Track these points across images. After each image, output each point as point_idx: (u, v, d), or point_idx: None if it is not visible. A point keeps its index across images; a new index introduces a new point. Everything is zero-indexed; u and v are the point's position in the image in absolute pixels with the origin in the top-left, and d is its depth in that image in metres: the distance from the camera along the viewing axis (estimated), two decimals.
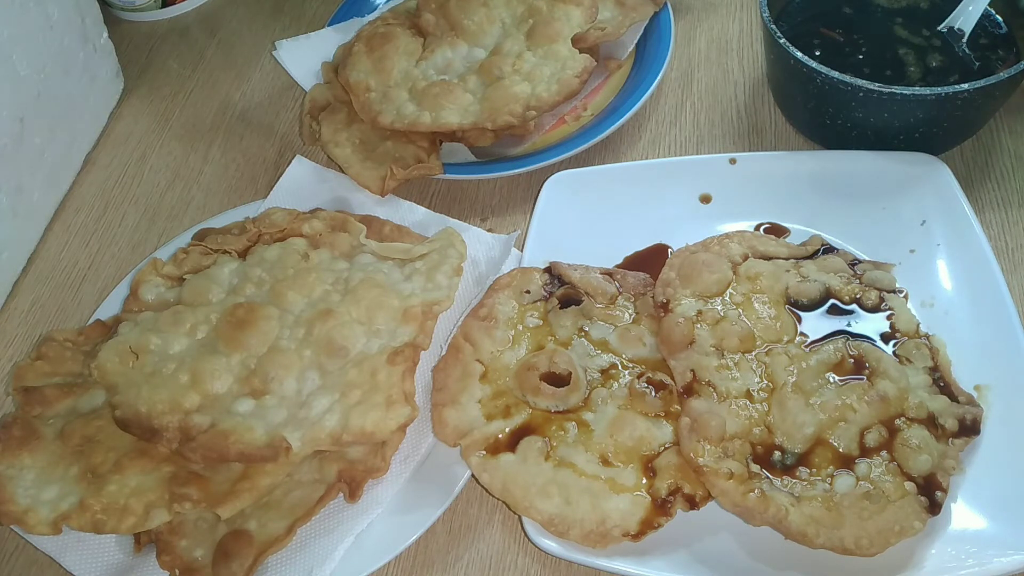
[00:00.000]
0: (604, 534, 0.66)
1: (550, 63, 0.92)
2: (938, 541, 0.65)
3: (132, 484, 0.68)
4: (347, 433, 0.68)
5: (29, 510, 0.68)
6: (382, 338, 0.74)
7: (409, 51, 0.95)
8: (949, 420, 0.68)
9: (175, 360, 0.73)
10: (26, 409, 0.74)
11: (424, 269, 0.79)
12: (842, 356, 0.71)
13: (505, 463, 0.70)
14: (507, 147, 0.94)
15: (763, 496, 0.65)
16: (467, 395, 0.73)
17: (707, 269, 0.76)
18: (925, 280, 0.78)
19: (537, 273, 0.80)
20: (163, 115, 1.08)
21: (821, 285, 0.76)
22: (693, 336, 0.73)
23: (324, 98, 0.97)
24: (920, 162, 0.83)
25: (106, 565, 0.70)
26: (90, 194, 1.01)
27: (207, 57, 1.15)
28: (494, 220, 0.92)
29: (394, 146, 0.91)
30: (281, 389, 0.71)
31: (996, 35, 0.88)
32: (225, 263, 0.81)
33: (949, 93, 0.77)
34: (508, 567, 0.71)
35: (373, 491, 0.71)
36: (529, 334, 0.77)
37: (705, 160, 0.90)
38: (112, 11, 1.18)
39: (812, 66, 0.81)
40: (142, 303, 0.80)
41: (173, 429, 0.69)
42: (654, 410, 0.71)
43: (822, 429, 0.68)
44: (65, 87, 0.99)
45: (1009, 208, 0.86)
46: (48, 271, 0.95)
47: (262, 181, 0.99)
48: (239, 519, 0.69)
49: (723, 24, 1.07)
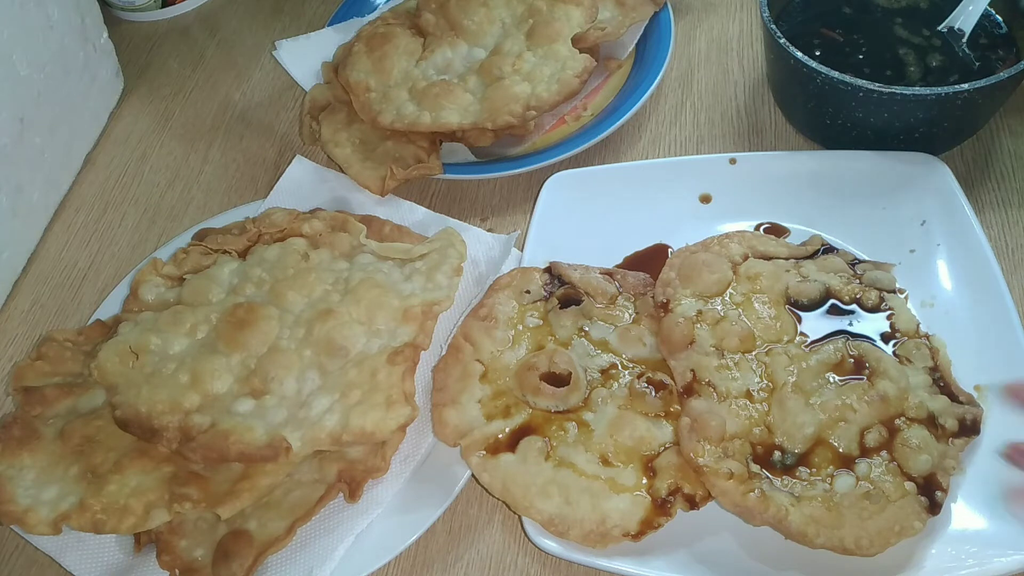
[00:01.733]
0: (604, 534, 0.66)
1: (550, 63, 0.92)
2: (938, 541, 0.65)
3: (132, 484, 0.68)
4: (347, 433, 0.68)
5: (29, 510, 0.68)
6: (382, 338, 0.74)
7: (409, 51, 0.95)
8: (949, 420, 0.68)
9: (175, 360, 0.73)
10: (26, 409, 0.74)
11: (424, 269, 0.79)
12: (842, 356, 0.71)
13: (505, 463, 0.70)
14: (507, 147, 0.94)
15: (763, 496, 0.65)
16: (467, 395, 0.73)
17: (707, 269, 0.76)
18: (925, 280, 0.78)
19: (537, 273, 0.80)
20: (163, 115, 1.08)
21: (821, 285, 0.76)
22: (693, 336, 0.73)
23: (324, 98, 0.97)
24: (920, 162, 0.83)
25: (106, 565, 0.70)
26: (90, 194, 1.01)
27: (207, 57, 1.15)
28: (494, 220, 0.92)
29: (394, 146, 0.91)
30: (281, 389, 0.71)
31: (996, 35, 0.88)
32: (225, 263, 0.81)
33: (949, 93, 0.78)
34: (508, 567, 0.71)
35: (373, 491, 0.71)
36: (529, 334, 0.77)
37: (705, 160, 0.90)
38: (112, 11, 1.18)
39: (812, 66, 0.81)
40: (142, 303, 0.79)
41: (173, 429, 0.69)
42: (654, 410, 0.71)
43: (822, 429, 0.68)
44: (65, 87, 0.99)
45: (1009, 208, 0.86)
46: (48, 271, 0.95)
47: (262, 181, 0.99)
48: (239, 519, 0.69)
49: (723, 24, 1.07)
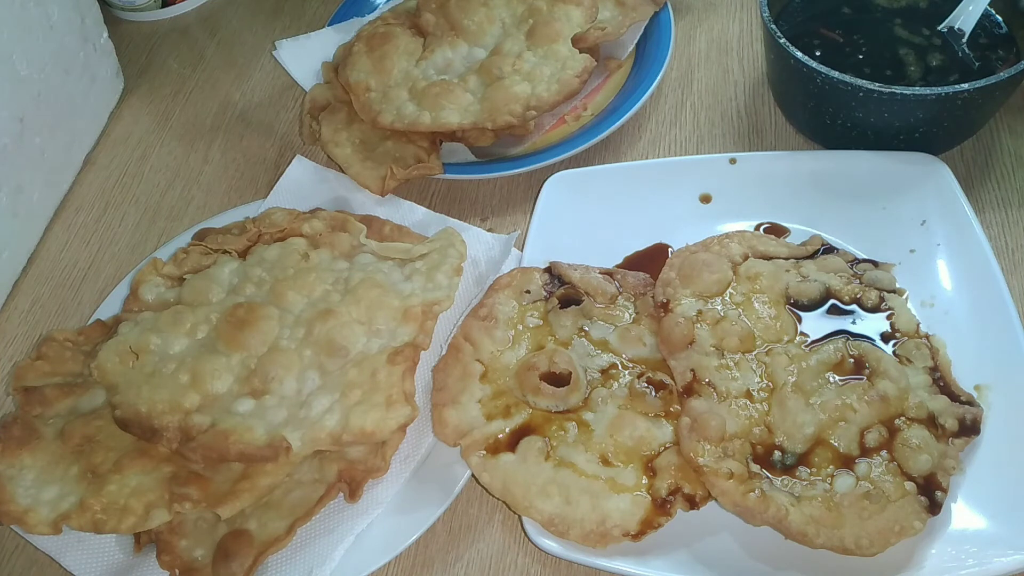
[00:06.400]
0: (604, 534, 0.66)
1: (550, 63, 0.92)
2: (938, 541, 0.65)
3: (132, 484, 0.68)
4: (347, 433, 0.68)
5: (29, 510, 0.68)
6: (382, 338, 0.74)
7: (409, 51, 0.95)
8: (949, 420, 0.68)
9: (175, 360, 0.73)
10: (26, 409, 0.74)
11: (424, 269, 0.79)
12: (842, 356, 0.71)
13: (505, 463, 0.70)
14: (507, 147, 0.94)
15: (763, 496, 0.65)
16: (467, 395, 0.73)
17: (707, 269, 0.76)
18: (925, 280, 0.78)
19: (537, 273, 0.80)
20: (163, 115, 1.08)
21: (821, 285, 0.76)
22: (693, 336, 0.73)
23: (324, 98, 0.97)
24: (920, 162, 0.83)
25: (106, 565, 0.70)
26: (90, 194, 1.01)
27: (207, 57, 1.15)
28: (494, 220, 0.92)
29: (394, 146, 0.91)
30: (281, 389, 0.71)
31: (996, 35, 0.88)
32: (225, 263, 0.81)
33: (949, 93, 0.77)
34: (508, 567, 0.71)
35: (373, 491, 0.71)
36: (529, 334, 0.77)
37: (705, 160, 0.90)
38: (112, 11, 1.18)
39: (812, 66, 0.81)
40: (142, 303, 0.80)
41: (173, 429, 0.69)
42: (654, 410, 0.71)
43: (822, 429, 0.68)
44: (65, 87, 0.99)
45: (1009, 208, 0.86)
46: (48, 271, 0.95)
47: (262, 181, 0.99)
48: (239, 519, 0.69)
49: (723, 24, 1.07)
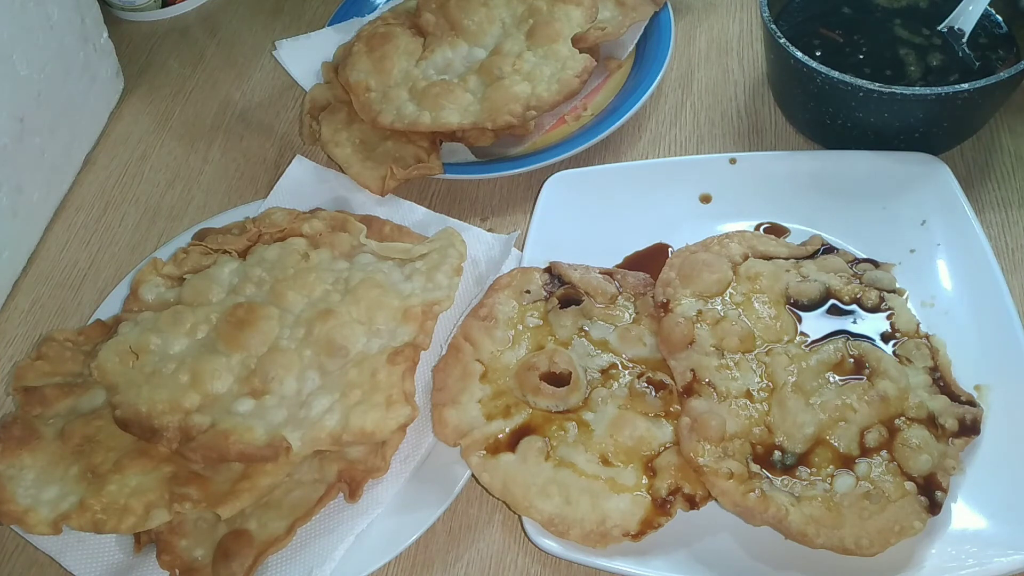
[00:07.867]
0: (604, 534, 0.66)
1: (550, 63, 0.92)
2: (938, 541, 0.65)
3: (132, 484, 0.68)
4: (347, 433, 0.68)
5: (29, 510, 0.68)
6: (382, 338, 0.74)
7: (409, 51, 0.95)
8: (949, 420, 0.68)
9: (175, 360, 0.73)
10: (26, 409, 0.74)
11: (424, 269, 0.79)
12: (842, 356, 0.71)
13: (505, 463, 0.70)
14: (507, 147, 0.94)
15: (763, 496, 0.65)
16: (467, 395, 0.73)
17: (707, 269, 0.76)
18: (925, 280, 0.78)
19: (537, 273, 0.80)
20: (163, 115, 1.08)
21: (821, 285, 0.76)
22: (693, 336, 0.73)
23: (324, 98, 0.97)
24: (920, 162, 0.83)
25: (106, 565, 0.70)
26: (90, 194, 1.01)
27: (207, 57, 1.15)
28: (494, 220, 0.92)
29: (394, 146, 0.91)
30: (281, 389, 0.71)
31: (996, 35, 0.88)
32: (225, 263, 0.81)
33: (949, 93, 0.77)
34: (508, 567, 0.71)
35: (373, 491, 0.71)
36: (529, 334, 0.77)
37: (705, 160, 0.90)
38: (112, 11, 1.18)
39: (812, 66, 0.81)
40: (142, 303, 0.80)
41: (173, 429, 0.69)
42: (654, 410, 0.71)
43: (822, 429, 0.68)
44: (65, 87, 0.99)
45: (1009, 208, 0.86)
46: (48, 271, 0.95)
47: (262, 181, 0.99)
48: (239, 519, 0.69)
49: (723, 24, 1.07)
